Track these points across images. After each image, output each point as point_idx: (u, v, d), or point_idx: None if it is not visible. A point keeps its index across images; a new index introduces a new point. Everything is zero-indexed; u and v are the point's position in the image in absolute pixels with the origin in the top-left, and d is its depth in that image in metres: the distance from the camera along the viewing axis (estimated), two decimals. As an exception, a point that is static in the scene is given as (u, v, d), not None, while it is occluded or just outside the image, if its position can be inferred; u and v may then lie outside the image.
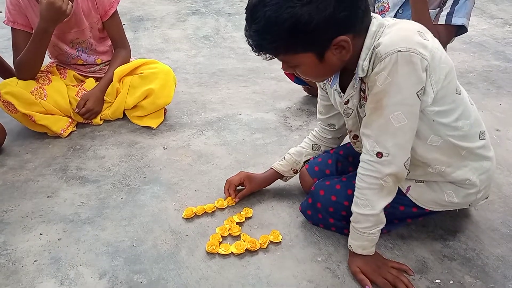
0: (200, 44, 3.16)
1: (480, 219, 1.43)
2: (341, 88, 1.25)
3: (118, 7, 2.05)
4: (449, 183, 1.25)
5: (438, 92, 1.10)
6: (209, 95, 2.35)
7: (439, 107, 1.12)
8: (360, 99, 1.20)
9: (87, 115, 2.01)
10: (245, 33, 1.08)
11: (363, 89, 1.17)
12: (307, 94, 2.31)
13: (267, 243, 1.33)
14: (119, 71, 2.03)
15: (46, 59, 1.95)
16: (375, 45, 1.07)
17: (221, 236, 1.36)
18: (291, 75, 2.17)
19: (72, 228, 1.42)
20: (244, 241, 1.33)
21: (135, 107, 2.03)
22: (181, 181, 1.65)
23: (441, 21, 1.72)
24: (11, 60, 1.94)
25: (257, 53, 1.10)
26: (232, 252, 1.30)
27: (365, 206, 1.16)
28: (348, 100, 1.23)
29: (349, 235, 1.23)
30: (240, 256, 1.30)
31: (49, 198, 1.57)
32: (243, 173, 1.56)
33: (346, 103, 1.24)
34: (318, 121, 1.50)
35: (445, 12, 1.72)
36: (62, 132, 1.93)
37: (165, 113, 2.10)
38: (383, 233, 1.29)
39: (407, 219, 1.35)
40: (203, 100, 2.30)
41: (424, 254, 1.30)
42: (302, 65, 1.11)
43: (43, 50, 1.86)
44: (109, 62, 2.13)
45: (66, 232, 1.41)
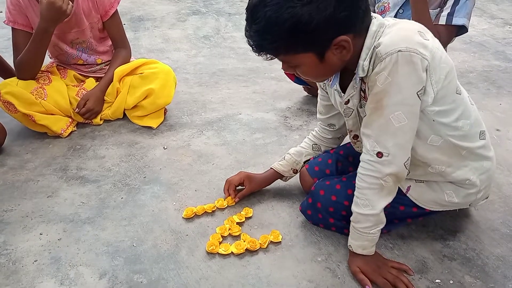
0: (200, 44, 3.16)
1: (480, 219, 1.43)
2: (341, 88, 1.25)
3: (118, 7, 2.05)
4: (449, 183, 1.25)
5: (438, 92, 1.10)
6: (209, 95, 2.35)
7: (440, 107, 1.12)
8: (360, 99, 1.20)
9: (87, 115, 2.01)
10: (246, 33, 1.08)
11: (363, 89, 1.17)
12: (307, 94, 2.31)
13: (267, 243, 1.33)
14: (120, 71, 2.03)
15: (46, 59, 1.95)
16: (375, 45, 1.07)
17: (221, 236, 1.36)
18: (291, 75, 2.17)
19: (72, 228, 1.42)
20: (244, 241, 1.33)
21: (135, 107, 2.03)
22: (181, 181, 1.65)
23: (442, 21, 1.72)
24: (11, 60, 1.94)
25: (257, 54, 1.10)
26: (232, 252, 1.30)
27: (365, 206, 1.16)
28: (348, 100, 1.23)
29: (349, 235, 1.23)
30: (240, 256, 1.30)
31: (49, 198, 1.57)
32: (243, 173, 1.56)
33: (346, 103, 1.24)
34: (318, 121, 1.50)
35: (446, 12, 1.72)
36: (62, 132, 1.93)
37: (165, 113, 2.10)
38: (383, 233, 1.29)
39: (407, 219, 1.35)
40: (203, 100, 2.30)
41: (424, 254, 1.30)
42: (302, 65, 1.11)
43: (43, 50, 1.86)
44: (109, 62, 2.13)
45: (66, 232, 1.41)
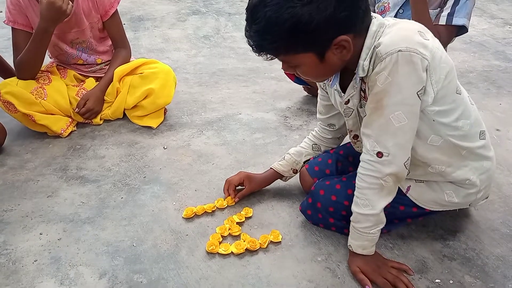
0: (200, 44, 3.16)
1: (480, 219, 1.43)
2: (341, 88, 1.25)
3: (118, 7, 2.05)
4: (449, 183, 1.25)
5: (438, 91, 1.10)
6: (209, 95, 2.35)
7: (440, 106, 1.12)
8: (360, 99, 1.20)
9: (87, 114, 2.01)
10: (246, 33, 1.08)
11: (363, 89, 1.17)
12: (307, 94, 2.31)
13: (267, 243, 1.33)
14: (119, 71, 2.03)
15: (46, 59, 1.95)
16: (375, 45, 1.07)
17: (221, 236, 1.36)
18: (291, 75, 2.17)
19: (72, 227, 1.42)
20: (244, 241, 1.33)
21: (135, 106, 2.03)
22: (181, 181, 1.65)
23: (442, 21, 1.72)
24: (11, 60, 1.94)
25: (257, 54, 1.10)
26: (232, 252, 1.30)
27: (365, 206, 1.16)
28: (348, 100, 1.23)
29: (349, 235, 1.23)
30: (240, 256, 1.30)
31: (49, 197, 1.57)
32: (243, 173, 1.56)
33: (346, 103, 1.24)
34: (318, 121, 1.50)
35: (446, 12, 1.72)
36: (62, 132, 1.93)
37: (165, 113, 2.10)
38: (383, 233, 1.29)
39: (407, 219, 1.35)
40: (203, 100, 2.30)
41: (424, 254, 1.30)
42: (302, 65, 1.11)
43: (43, 50, 1.86)
44: (109, 62, 2.13)
45: (66, 231, 1.41)
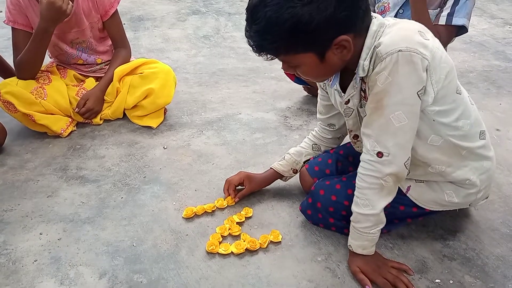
0: (200, 43, 3.16)
1: (480, 219, 1.43)
2: (341, 88, 1.25)
3: (118, 7, 2.05)
4: (449, 183, 1.25)
5: (438, 91, 1.10)
6: (209, 95, 2.35)
7: (440, 106, 1.12)
8: (360, 99, 1.20)
9: (87, 114, 2.01)
10: (246, 33, 1.08)
11: (363, 89, 1.17)
12: (307, 93, 2.31)
13: (267, 243, 1.33)
14: (119, 70, 2.03)
15: (46, 59, 1.95)
16: (375, 45, 1.07)
17: (221, 235, 1.36)
18: (291, 75, 2.17)
19: (72, 227, 1.42)
20: (244, 241, 1.33)
21: (135, 106, 2.03)
22: (181, 181, 1.65)
23: (442, 21, 1.72)
24: (11, 59, 1.94)
25: (257, 54, 1.10)
26: (232, 251, 1.30)
27: (365, 205, 1.16)
28: (348, 100, 1.23)
29: (349, 235, 1.23)
30: (240, 255, 1.30)
31: (49, 197, 1.57)
32: (243, 173, 1.56)
33: (346, 103, 1.24)
34: (318, 121, 1.50)
35: (446, 12, 1.72)
36: (62, 131, 1.93)
37: (165, 113, 2.10)
38: (383, 232, 1.29)
39: (407, 219, 1.35)
40: (203, 99, 2.30)
41: (424, 254, 1.30)
42: (303, 65, 1.11)
43: (43, 50, 1.86)
44: (109, 61, 2.13)
45: (66, 231, 1.41)
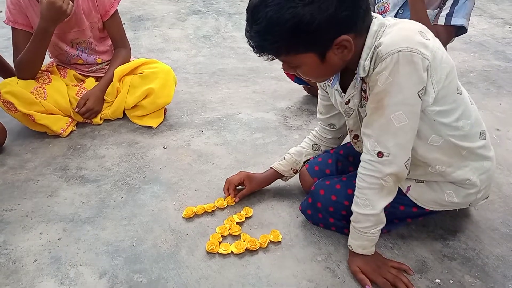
0: (200, 43, 3.16)
1: (480, 219, 1.43)
2: (341, 88, 1.25)
3: (118, 7, 2.05)
4: (449, 183, 1.25)
5: (439, 91, 1.10)
6: (209, 95, 2.35)
7: (440, 107, 1.12)
8: (361, 99, 1.20)
9: (87, 114, 2.01)
10: (246, 34, 1.08)
11: (364, 89, 1.17)
12: (307, 93, 2.31)
13: (267, 243, 1.33)
14: (119, 70, 2.03)
15: (46, 59, 1.95)
16: (376, 45, 1.07)
17: (221, 235, 1.36)
18: (291, 75, 2.17)
19: (72, 227, 1.42)
20: (244, 241, 1.33)
21: (135, 106, 2.03)
22: (181, 181, 1.65)
23: (441, 21, 1.72)
24: (11, 59, 1.94)
25: (258, 54, 1.10)
26: (232, 251, 1.30)
27: (365, 205, 1.16)
28: (349, 100, 1.23)
29: (349, 235, 1.23)
30: (240, 255, 1.30)
31: (49, 197, 1.57)
32: (243, 172, 1.56)
33: (347, 103, 1.24)
34: (318, 121, 1.50)
35: (445, 12, 1.73)
36: (62, 131, 1.93)
37: (165, 113, 2.10)
38: (383, 232, 1.29)
39: (407, 219, 1.35)
40: (203, 99, 2.30)
41: (424, 253, 1.30)
42: (303, 65, 1.11)
43: (43, 49, 1.86)
44: (109, 61, 2.13)
45: (66, 231, 1.41)
